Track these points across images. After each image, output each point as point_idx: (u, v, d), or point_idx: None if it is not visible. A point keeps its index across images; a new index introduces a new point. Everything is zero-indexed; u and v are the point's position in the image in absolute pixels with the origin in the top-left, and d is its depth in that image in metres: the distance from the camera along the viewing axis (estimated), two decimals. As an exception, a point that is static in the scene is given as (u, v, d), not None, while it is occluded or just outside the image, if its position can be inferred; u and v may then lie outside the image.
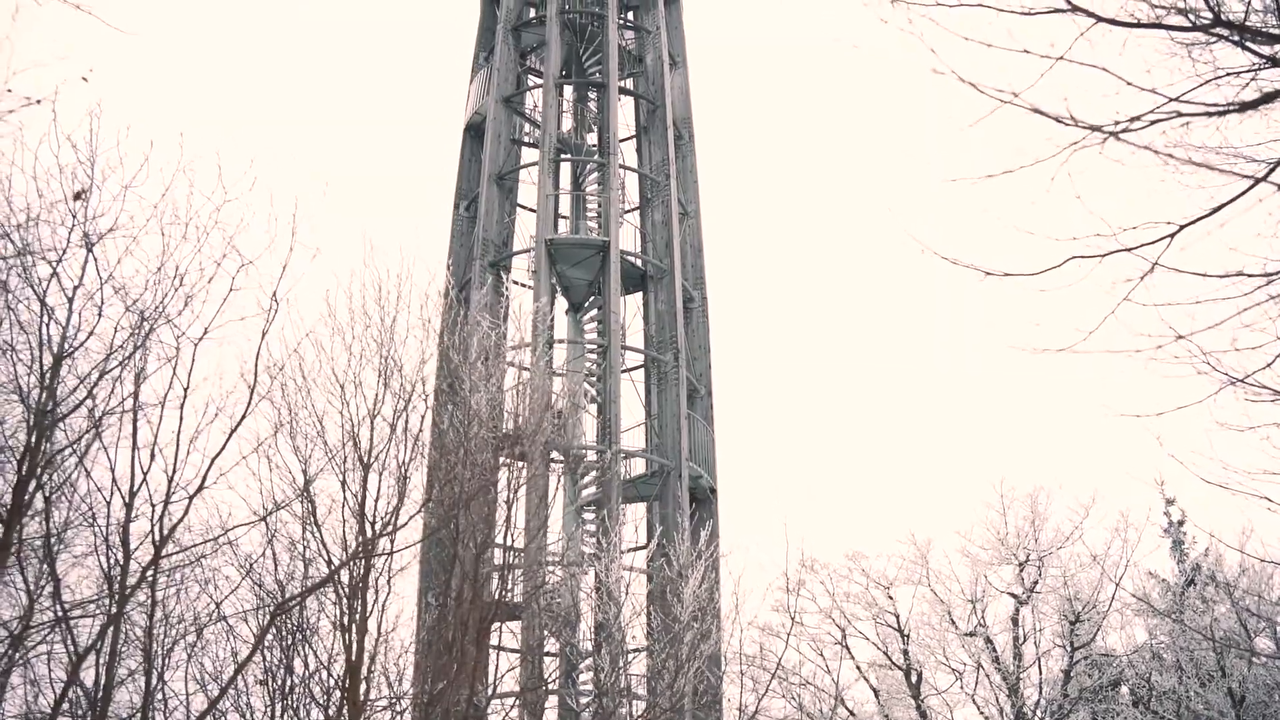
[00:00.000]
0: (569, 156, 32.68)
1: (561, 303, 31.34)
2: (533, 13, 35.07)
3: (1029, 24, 6.27)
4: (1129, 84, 5.64)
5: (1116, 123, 5.76)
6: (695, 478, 28.74)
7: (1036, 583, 27.51)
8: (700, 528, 28.51)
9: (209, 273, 10.91)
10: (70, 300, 10.05)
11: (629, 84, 34.15)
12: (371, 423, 13.41)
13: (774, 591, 24.68)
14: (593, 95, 34.10)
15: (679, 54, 34.54)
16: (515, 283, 31.69)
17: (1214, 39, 6.01)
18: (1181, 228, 6.34)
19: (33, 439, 9.69)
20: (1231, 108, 5.71)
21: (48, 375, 9.82)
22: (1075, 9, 6.21)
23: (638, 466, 29.01)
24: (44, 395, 9.75)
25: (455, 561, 16.27)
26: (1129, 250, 6.28)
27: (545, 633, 21.51)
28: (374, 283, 14.10)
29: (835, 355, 74.46)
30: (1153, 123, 5.82)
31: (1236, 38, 5.91)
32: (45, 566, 10.34)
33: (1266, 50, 5.89)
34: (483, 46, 34.64)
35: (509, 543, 19.11)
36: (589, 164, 32.49)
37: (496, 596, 17.29)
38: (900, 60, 7.05)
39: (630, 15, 35.23)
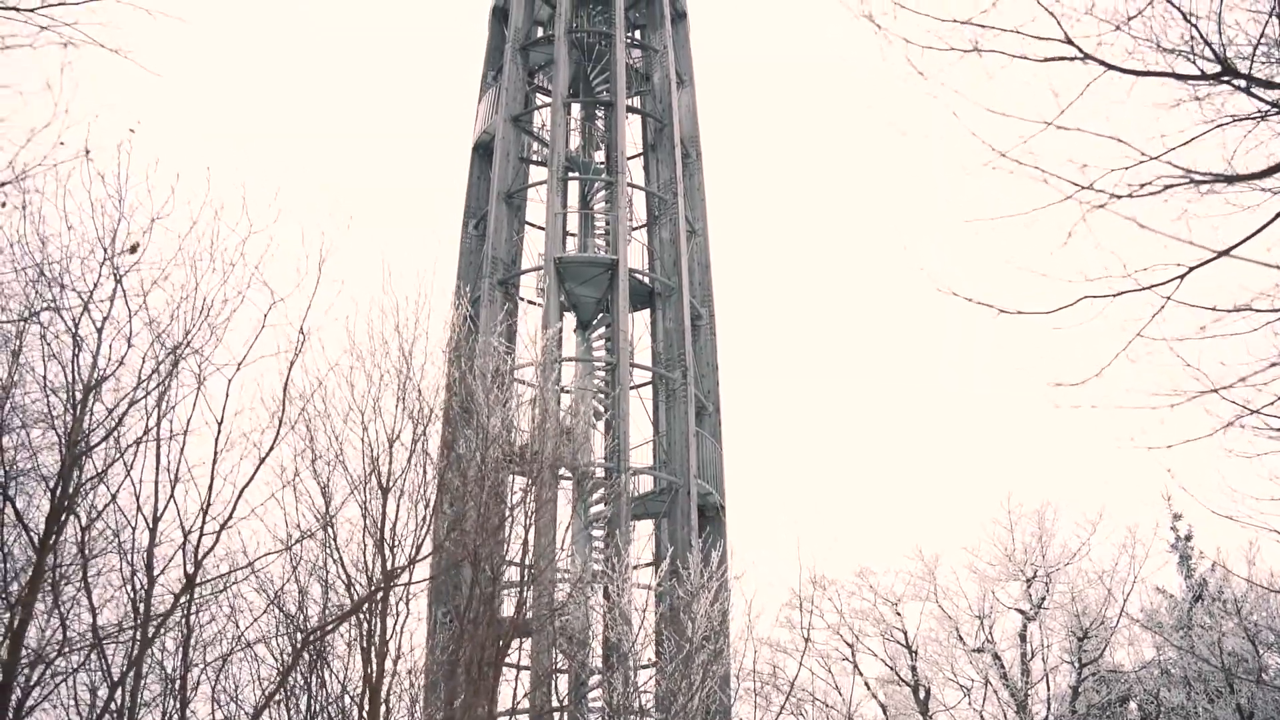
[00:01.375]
0: (577, 175, 32.93)
1: (570, 320, 31.58)
2: (540, 32, 35.38)
3: (1039, 70, 6.45)
4: (1142, 154, 5.82)
5: (1129, 185, 5.95)
6: (704, 495, 28.89)
7: (1044, 599, 27.57)
8: (709, 545, 28.68)
9: (234, 304, 11.14)
10: (99, 331, 10.27)
11: (636, 102, 34.42)
12: (390, 448, 13.61)
13: (783, 609, 24.84)
14: (600, 113, 34.37)
15: (686, 72, 34.81)
16: (524, 299, 31.95)
17: (1222, 86, 6.20)
18: (1192, 269, 6.53)
19: (65, 468, 9.89)
20: (1242, 176, 5.88)
21: (79, 406, 10.03)
22: (1087, 57, 6.40)
23: (646, 484, 29.17)
24: (75, 425, 9.96)
25: (474, 584, 16.39)
26: (1142, 289, 6.45)
27: (557, 651, 21.69)
28: (392, 308, 14.32)
29: (843, 371, 74.59)
30: (1166, 187, 6.00)
31: (1244, 85, 6.09)
32: (79, 593, 10.52)
33: (1272, 96, 6.08)
34: (491, 65, 34.91)
35: (521, 560, 19.27)
36: (597, 182, 32.74)
37: (513, 616, 17.45)
38: (911, 91, 7.25)
39: (637, 34, 35.53)
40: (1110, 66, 6.32)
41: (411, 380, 13.94)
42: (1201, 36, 6.11)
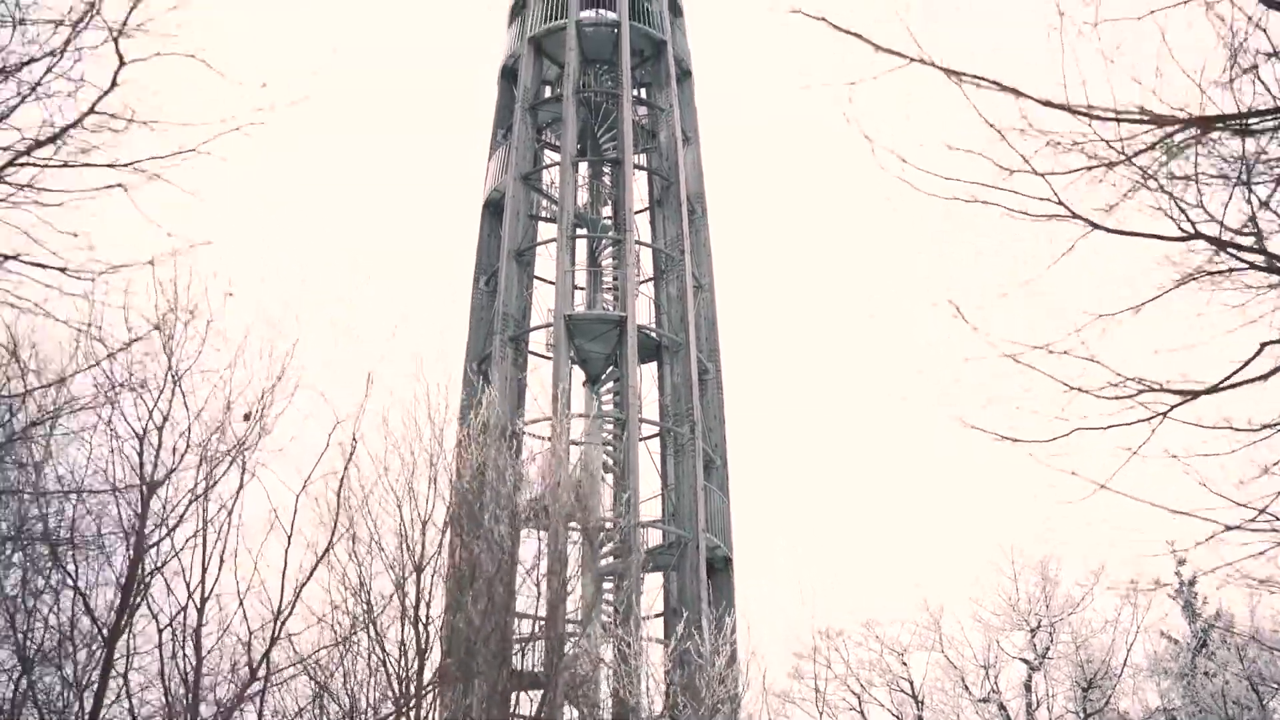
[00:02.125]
0: (586, 234, 33.62)
1: (579, 374, 32.18)
2: (549, 91, 36.19)
3: (1036, 227, 7.08)
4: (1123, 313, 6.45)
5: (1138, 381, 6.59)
6: (712, 548, 29.40)
7: (1048, 648, 27.96)
8: (721, 610, 29.12)
9: (282, 404, 11.79)
10: (159, 431, 10.90)
11: (643, 159, 35.18)
12: (423, 528, 14.19)
13: (791, 659, 25.29)
14: (607, 170, 35.14)
15: (691, 130, 35.57)
16: (534, 353, 32.62)
17: (1196, 244, 6.84)
18: (1173, 406, 7.12)
19: (132, 566, 10.49)
20: (1242, 381, 6.51)
21: (144, 506, 10.66)
22: (1074, 215, 7.02)
23: (655, 537, 29.68)
24: (140, 523, 10.57)
25: (483, 640, 16.91)
26: (1130, 424, 7.05)
27: (567, 704, 22.16)
28: (423, 394, 14.96)
29: (847, 424, 75.15)
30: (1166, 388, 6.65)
31: (1215, 247, 6.72)
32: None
33: (1247, 258, 6.72)
34: (501, 124, 35.69)
35: (532, 612, 19.83)
36: (605, 239, 33.44)
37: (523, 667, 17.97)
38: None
39: (643, 92, 36.32)
40: (1096, 226, 6.95)
41: (443, 463, 14.55)
42: (1178, 205, 6.74)
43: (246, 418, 10.95)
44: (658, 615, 29.80)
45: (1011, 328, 7.25)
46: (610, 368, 31.82)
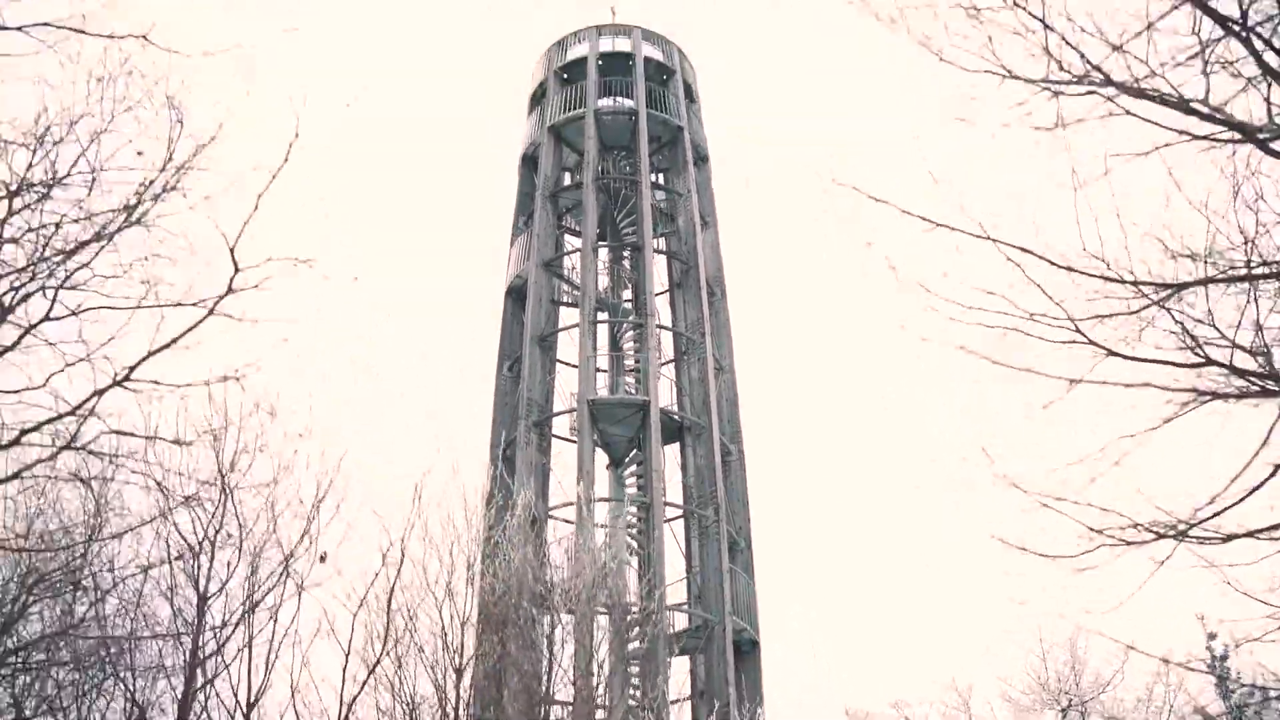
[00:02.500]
0: (607, 319, 34.11)
1: (602, 457, 32.46)
2: (568, 178, 37.00)
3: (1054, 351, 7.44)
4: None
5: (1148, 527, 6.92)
6: (738, 630, 29.37)
7: (1081, 729, 27.74)
8: (745, 680, 29.10)
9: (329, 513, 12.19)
10: (212, 544, 11.30)
11: (662, 243, 35.81)
12: (462, 629, 14.46)
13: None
14: (627, 254, 35.75)
15: (709, 214, 36.22)
16: (557, 436, 32.94)
17: (1207, 370, 7.18)
18: (1191, 525, 7.40)
19: (190, 675, 10.81)
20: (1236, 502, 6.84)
21: (200, 617, 11.03)
22: (1090, 343, 7.38)
23: (680, 620, 29.70)
24: (196, 635, 10.93)
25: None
26: (1148, 541, 7.32)
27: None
28: (460, 496, 15.34)
29: (869, 502, 75.06)
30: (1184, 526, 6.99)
31: (1226, 374, 7.07)
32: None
33: (1256, 383, 7.06)
34: (522, 210, 36.42)
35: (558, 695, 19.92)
36: (626, 322, 33.93)
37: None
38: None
39: (661, 177, 37.08)
40: (1111, 352, 7.30)
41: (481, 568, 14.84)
42: (1190, 335, 7.10)
43: (323, 559, 11.41)
44: (685, 699, 29.72)
45: (1032, 451, 7.56)
46: (633, 450, 32.09)
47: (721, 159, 38.63)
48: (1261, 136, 6.39)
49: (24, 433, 7.30)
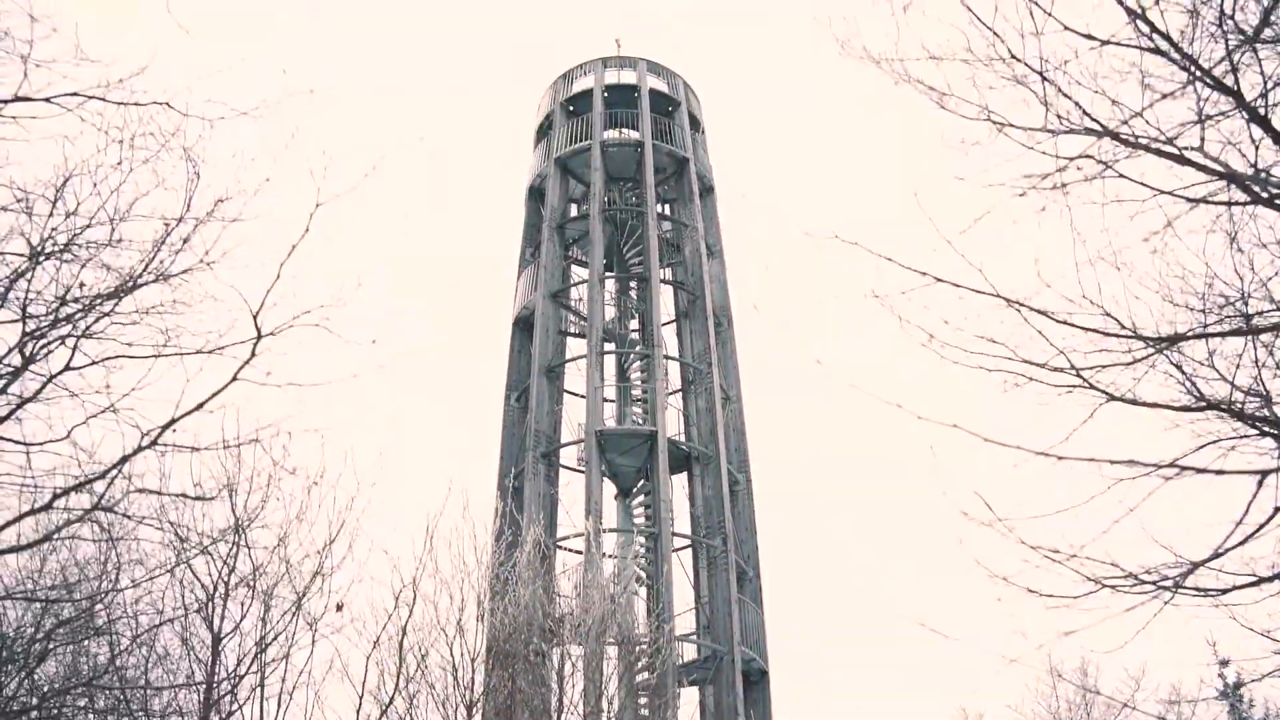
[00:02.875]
0: (614, 350, 34.27)
1: (610, 488, 32.52)
2: (575, 209, 37.27)
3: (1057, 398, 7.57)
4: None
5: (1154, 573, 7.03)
6: (747, 661, 29.35)
7: (1092, 760, 27.62)
8: (754, 711, 29.05)
9: (341, 553, 12.33)
10: (226, 584, 11.42)
11: (668, 273, 36.00)
12: (472, 665, 14.53)
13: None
14: (633, 285, 35.95)
15: (715, 244, 36.43)
16: (565, 467, 33.03)
17: (1209, 416, 7.30)
18: (1196, 565, 7.49)
19: (204, 715, 10.93)
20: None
21: (213, 659, 11.15)
22: (1092, 387, 7.50)
23: (690, 652, 29.67)
24: (210, 676, 11.03)
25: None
26: (1147, 591, 7.41)
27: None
28: (470, 534, 15.46)
29: (878, 530, 75.01)
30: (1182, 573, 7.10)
31: (1225, 417, 7.19)
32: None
33: (1257, 428, 7.17)
34: (529, 242, 36.67)
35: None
36: (633, 354, 34.07)
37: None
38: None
39: (668, 208, 37.33)
40: (1112, 397, 7.43)
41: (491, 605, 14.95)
42: (1190, 381, 7.23)
43: (339, 609, 11.55)
44: (695, 730, 29.66)
45: (1035, 489, 7.67)
46: (641, 480, 32.16)
47: (726, 189, 38.86)
48: (1266, 195, 6.54)
49: (56, 496, 7.45)
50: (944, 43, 8.49)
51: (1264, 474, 6.70)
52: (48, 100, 6.67)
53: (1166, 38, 6.32)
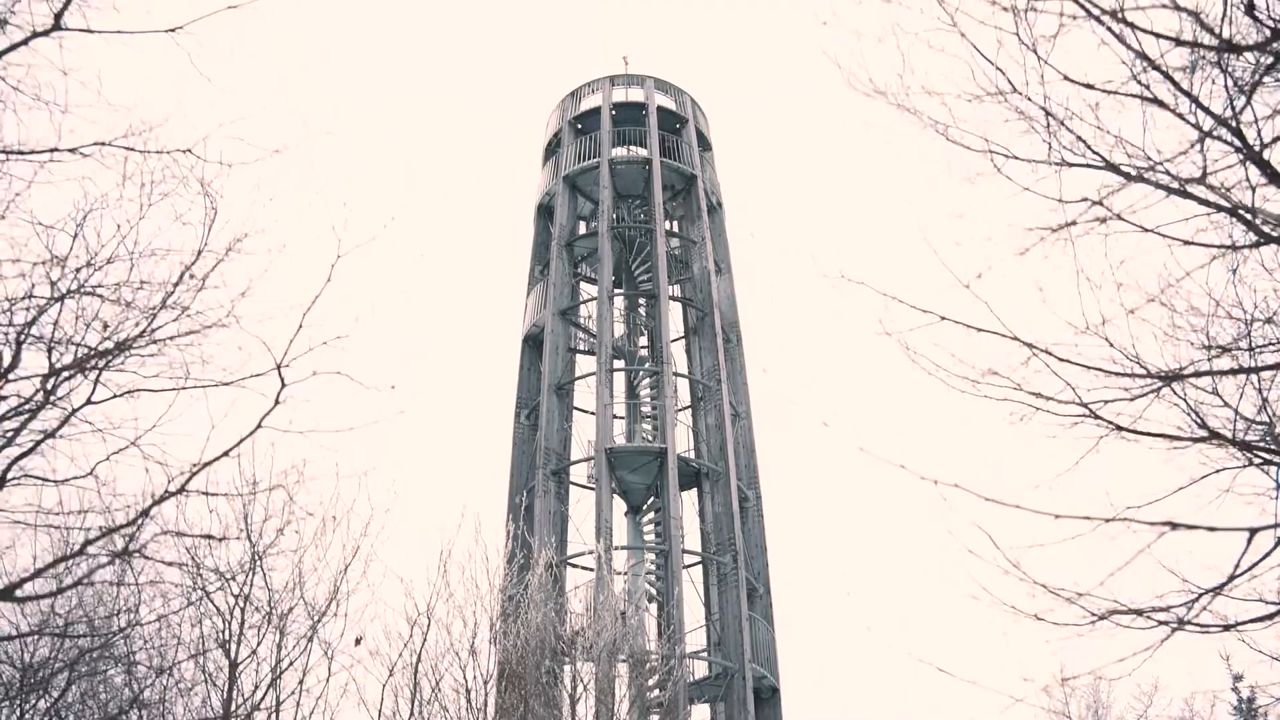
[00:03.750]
0: (624, 367, 34.39)
1: (620, 505, 32.62)
2: (583, 226, 37.45)
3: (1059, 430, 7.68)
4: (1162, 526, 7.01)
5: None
6: (758, 678, 29.38)
7: (1104, 777, 27.54)
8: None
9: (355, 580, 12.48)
10: (243, 611, 11.56)
11: (677, 290, 36.15)
12: (485, 686, 14.65)
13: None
14: (642, 301, 36.10)
15: (723, 260, 36.56)
16: (575, 484, 33.14)
17: (1209, 446, 7.40)
18: (1203, 592, 7.57)
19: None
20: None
21: (230, 685, 11.29)
22: (1097, 419, 7.61)
23: (700, 669, 29.72)
24: (228, 705, 11.17)
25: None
26: (1154, 625, 7.49)
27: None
28: (483, 556, 15.59)
29: (889, 546, 74.94)
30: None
31: (1227, 448, 7.29)
32: None
33: (1257, 456, 7.26)
34: (538, 260, 36.85)
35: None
36: (643, 371, 34.19)
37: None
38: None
39: (676, 225, 37.48)
40: (1119, 427, 7.53)
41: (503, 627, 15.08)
42: (1194, 411, 7.34)
43: (358, 642, 11.70)
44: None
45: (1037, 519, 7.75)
46: (651, 497, 32.25)
47: (735, 205, 39.03)
48: (1265, 229, 6.64)
49: (88, 542, 7.60)
50: (947, 73, 8.64)
51: (1254, 531, 6.78)
52: (74, 150, 6.83)
53: (1170, 78, 6.44)
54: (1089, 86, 6.72)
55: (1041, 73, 6.94)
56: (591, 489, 31.65)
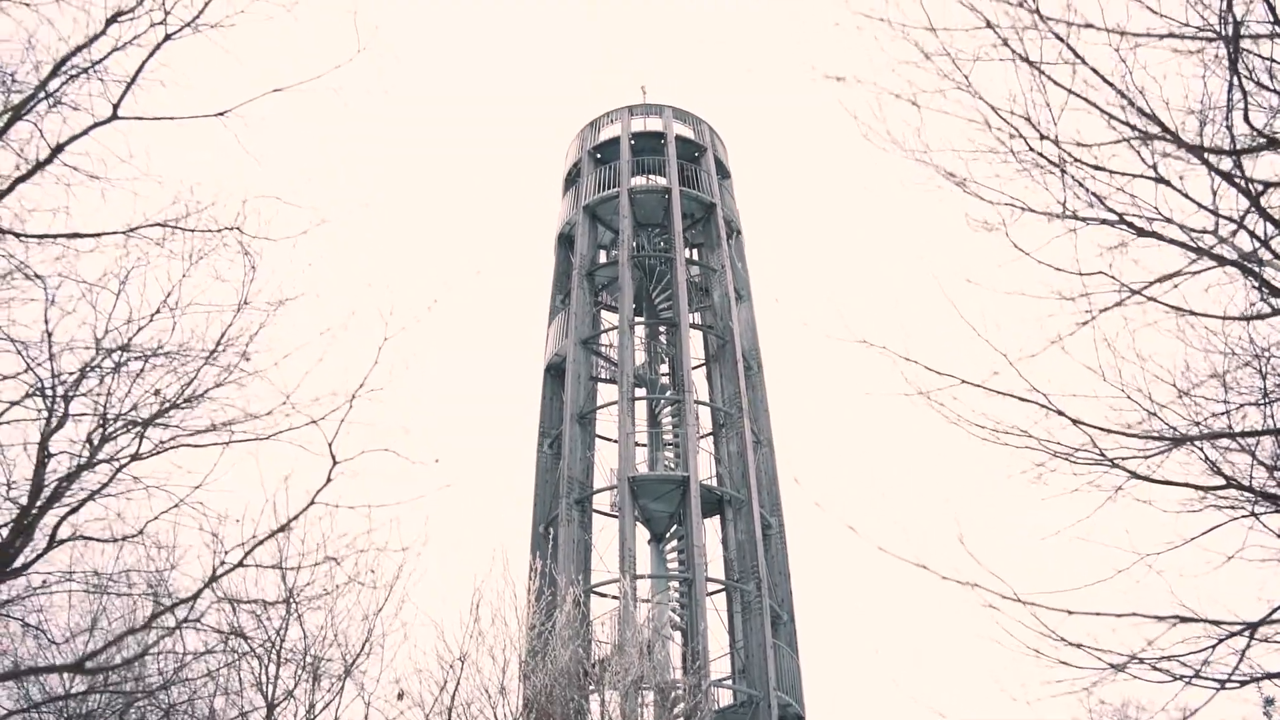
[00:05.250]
0: (645, 395, 34.58)
1: (643, 533, 32.75)
2: (604, 255, 37.75)
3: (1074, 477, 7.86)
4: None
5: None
6: (784, 706, 29.42)
7: (1133, 802, 27.44)
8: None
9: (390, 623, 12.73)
10: (278, 651, 11.81)
11: (697, 317, 36.38)
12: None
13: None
14: (663, 330, 36.34)
15: (743, 288, 36.77)
16: (598, 511, 33.34)
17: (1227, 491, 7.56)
18: (1220, 640, 7.71)
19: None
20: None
21: None
22: (1114, 464, 7.78)
23: (725, 697, 29.77)
24: None
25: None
26: (1173, 679, 7.63)
27: None
28: (510, 592, 15.81)
29: (914, 573, 74.62)
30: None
31: (1245, 495, 7.45)
32: None
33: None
34: (559, 289, 37.16)
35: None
36: (664, 400, 34.39)
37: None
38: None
39: (695, 253, 37.74)
40: (1137, 476, 7.70)
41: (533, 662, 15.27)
42: (1207, 460, 7.50)
43: (400, 696, 11.96)
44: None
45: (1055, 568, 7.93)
46: (674, 525, 32.39)
47: (753, 232, 39.27)
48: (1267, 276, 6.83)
49: (154, 615, 7.89)
50: (964, 127, 8.87)
51: (1252, 634, 6.93)
52: (131, 232, 7.15)
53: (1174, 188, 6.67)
54: (1096, 168, 6.94)
55: (1055, 135, 7.16)
56: (614, 517, 31.83)
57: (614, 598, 30.03)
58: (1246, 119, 6.86)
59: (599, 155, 38.43)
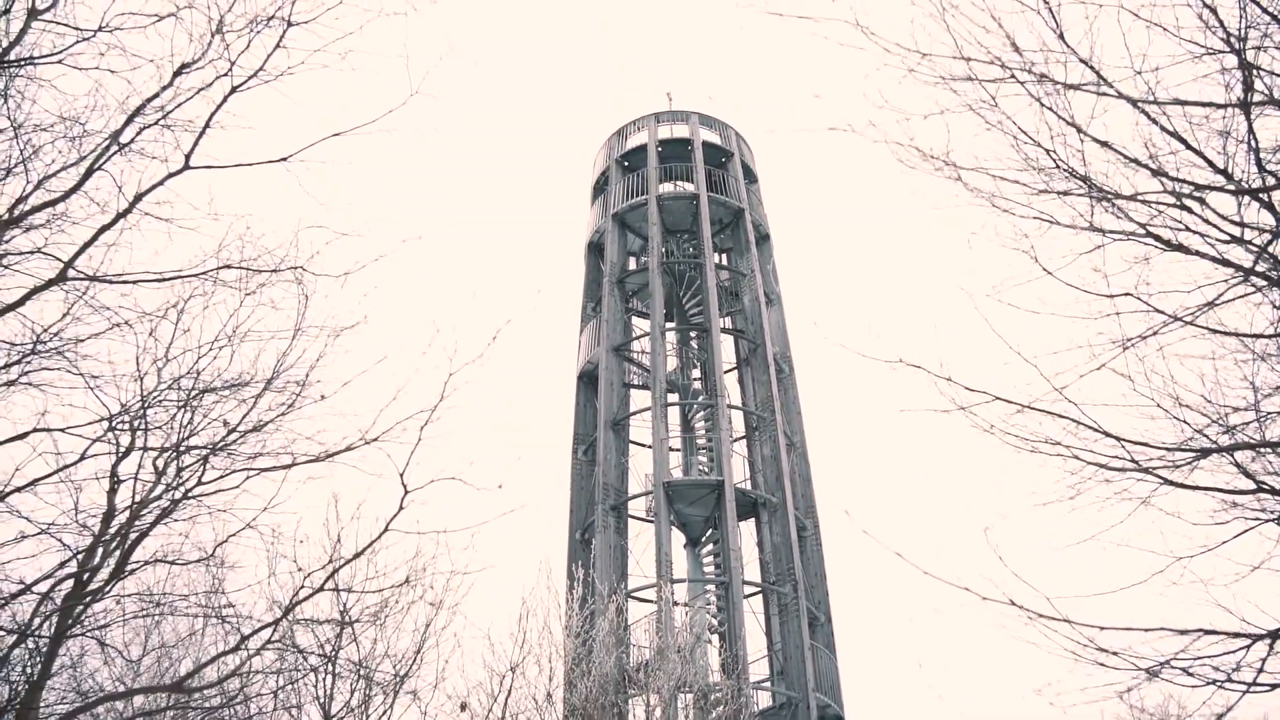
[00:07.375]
0: (678, 401, 34.85)
1: (678, 536, 33.03)
2: (633, 262, 38.07)
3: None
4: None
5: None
6: (822, 707, 29.59)
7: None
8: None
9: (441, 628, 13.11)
10: (334, 662, 12.20)
11: (728, 322, 36.62)
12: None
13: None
14: (694, 333, 36.60)
15: (773, 291, 36.98)
16: (633, 517, 33.63)
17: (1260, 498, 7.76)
18: (1246, 647, 7.91)
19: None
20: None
21: None
22: (1146, 472, 8.00)
23: (764, 699, 29.98)
24: None
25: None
26: (1220, 655, 7.83)
27: None
28: (554, 601, 16.15)
29: (948, 570, 74.43)
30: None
31: (1276, 500, 7.64)
32: None
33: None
34: (590, 297, 37.53)
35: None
36: (697, 404, 34.66)
37: None
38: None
39: (724, 258, 37.99)
40: (1165, 481, 7.92)
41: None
42: (1238, 465, 7.70)
43: (463, 708, 12.31)
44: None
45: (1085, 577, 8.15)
46: (710, 529, 32.63)
47: (782, 236, 39.46)
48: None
49: (244, 637, 8.29)
50: (991, 143, 9.11)
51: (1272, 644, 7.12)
52: (202, 275, 7.55)
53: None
54: (1116, 195, 7.17)
55: (1083, 151, 7.41)
56: (650, 522, 32.11)
57: (651, 602, 30.35)
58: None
59: (626, 163, 38.76)
